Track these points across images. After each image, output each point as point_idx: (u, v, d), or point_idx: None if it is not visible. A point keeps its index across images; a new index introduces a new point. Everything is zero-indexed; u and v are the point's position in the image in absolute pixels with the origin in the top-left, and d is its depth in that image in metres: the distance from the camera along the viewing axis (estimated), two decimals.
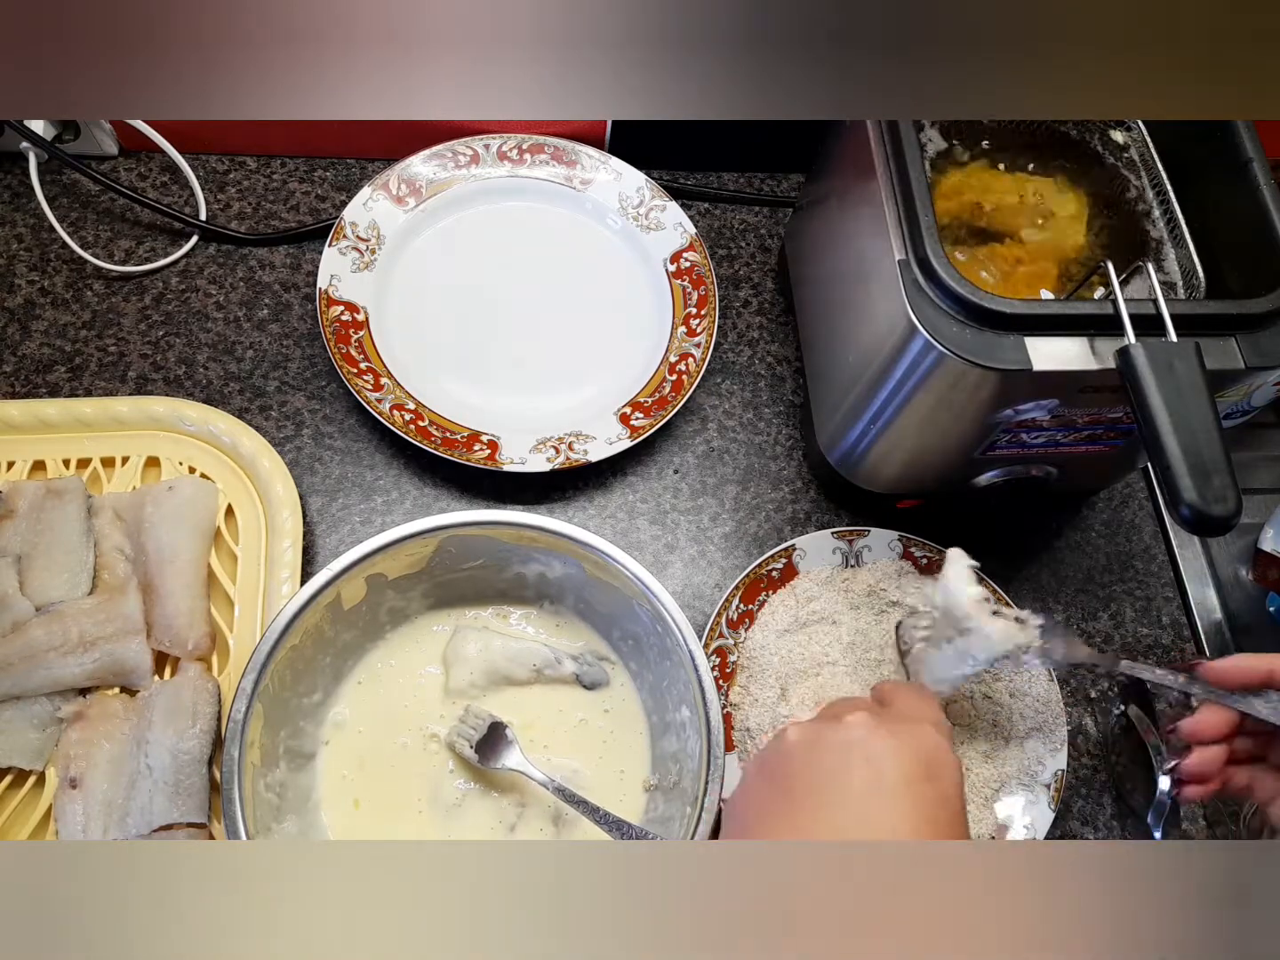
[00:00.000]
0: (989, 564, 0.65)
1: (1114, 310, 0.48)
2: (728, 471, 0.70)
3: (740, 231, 0.80)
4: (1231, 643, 0.69)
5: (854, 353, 0.59)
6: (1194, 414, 0.44)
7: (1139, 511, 0.72)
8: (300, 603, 0.50)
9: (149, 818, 0.50)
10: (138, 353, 0.68)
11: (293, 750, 0.53)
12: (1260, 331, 0.50)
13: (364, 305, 0.68)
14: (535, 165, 0.76)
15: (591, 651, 0.59)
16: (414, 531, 0.52)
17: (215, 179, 0.76)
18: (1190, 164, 0.57)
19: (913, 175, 0.51)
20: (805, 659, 0.60)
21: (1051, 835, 0.58)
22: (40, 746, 0.53)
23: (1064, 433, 0.56)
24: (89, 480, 0.60)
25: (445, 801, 0.54)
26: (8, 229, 0.71)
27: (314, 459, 0.66)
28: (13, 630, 0.53)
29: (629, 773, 0.56)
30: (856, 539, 0.65)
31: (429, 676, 0.58)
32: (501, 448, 0.64)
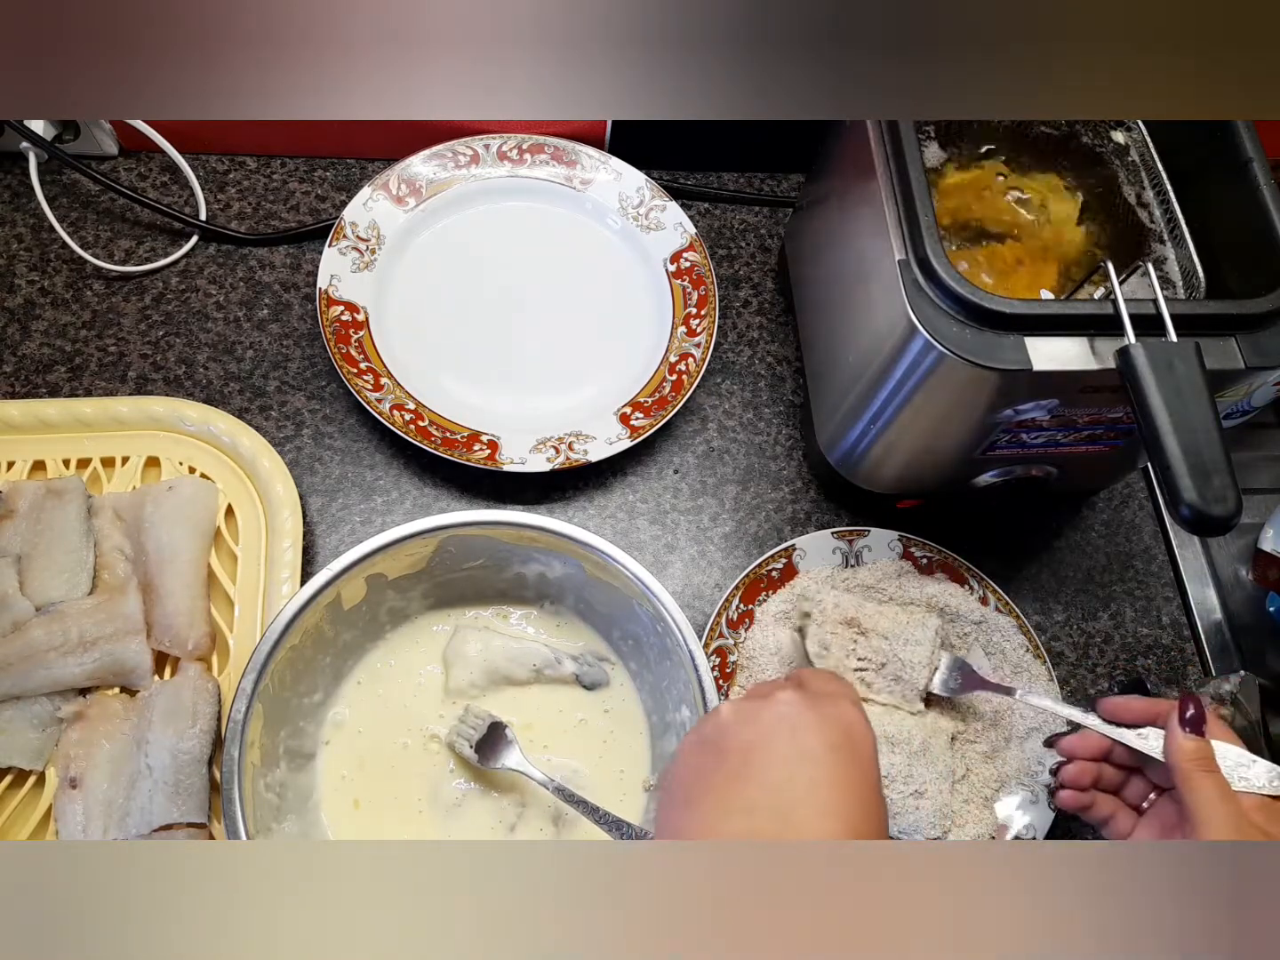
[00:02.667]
0: (989, 564, 0.66)
1: (1114, 310, 0.48)
2: (728, 471, 0.70)
3: (740, 231, 0.80)
4: (1231, 643, 0.69)
5: (854, 353, 0.59)
6: (1194, 414, 0.44)
7: (1139, 511, 0.72)
8: (300, 603, 0.50)
9: (149, 818, 0.50)
10: (138, 353, 0.68)
11: (293, 750, 0.53)
12: (1260, 331, 0.50)
13: (364, 305, 0.68)
14: (535, 165, 0.76)
15: (591, 651, 0.59)
16: (414, 531, 0.52)
17: (215, 179, 0.76)
18: (1190, 164, 0.57)
19: (913, 175, 0.51)
20: (805, 659, 0.60)
21: (1051, 835, 0.58)
22: (40, 746, 0.53)
23: (1064, 433, 0.56)
24: (89, 480, 0.60)
25: (445, 801, 0.54)
26: (8, 229, 0.71)
27: (314, 459, 0.66)
28: (13, 630, 0.53)
29: (629, 773, 0.56)
30: (856, 539, 0.65)
31: (429, 676, 0.58)
32: (501, 448, 0.64)
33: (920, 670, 0.57)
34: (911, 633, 0.58)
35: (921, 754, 0.56)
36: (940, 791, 0.56)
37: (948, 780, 0.57)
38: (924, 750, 0.56)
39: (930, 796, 0.56)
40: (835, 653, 0.59)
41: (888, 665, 0.58)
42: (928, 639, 0.58)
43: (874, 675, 0.58)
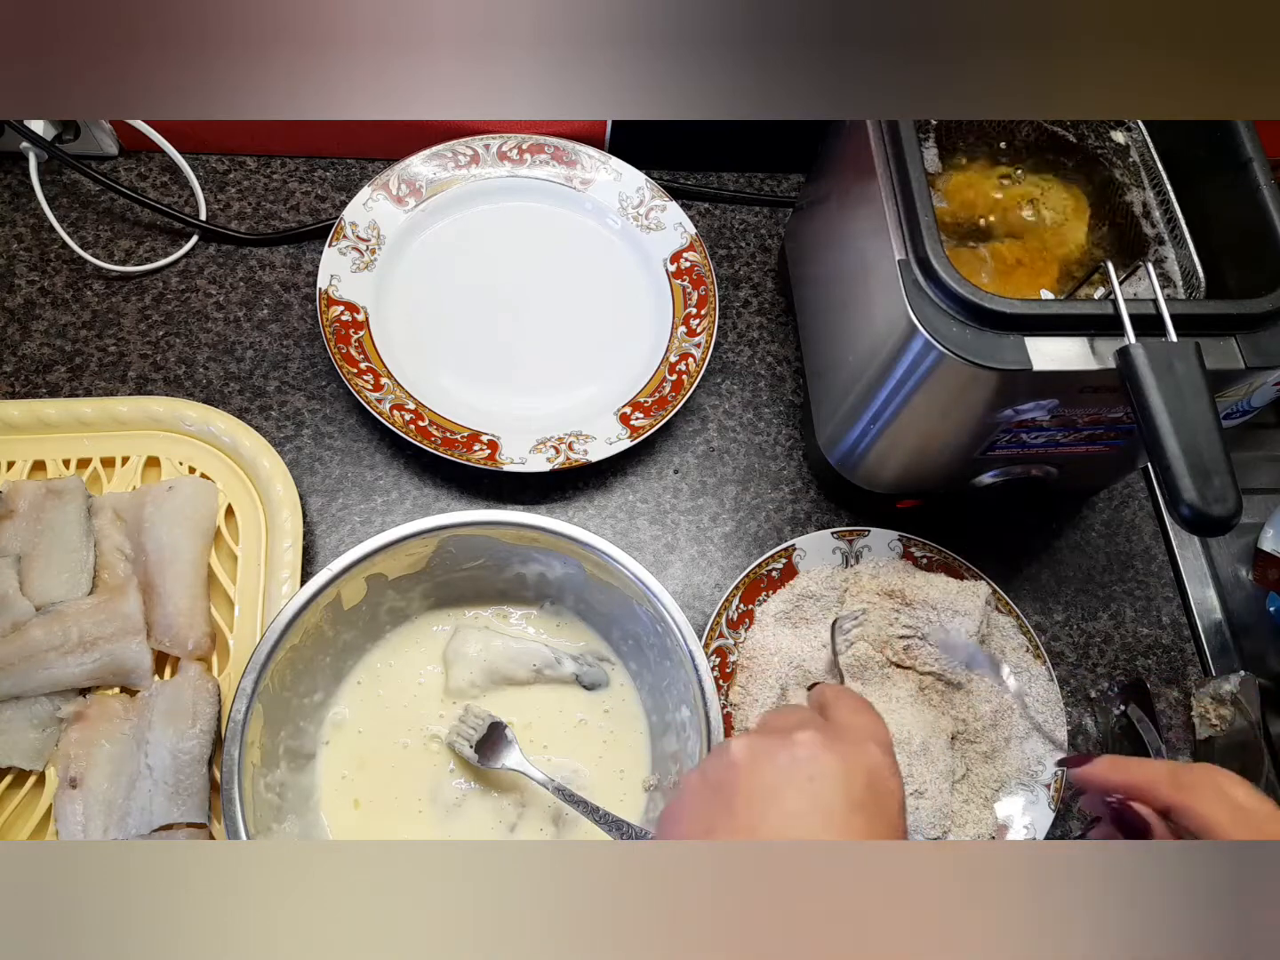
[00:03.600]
0: (989, 564, 0.66)
1: (1114, 310, 0.48)
2: (728, 471, 0.70)
3: (740, 231, 0.80)
4: (1231, 643, 0.69)
5: (854, 353, 0.59)
6: (1194, 414, 0.44)
7: (1139, 511, 0.72)
8: (300, 603, 0.50)
9: (149, 818, 0.50)
10: (138, 353, 0.68)
11: (293, 750, 0.53)
12: (1260, 331, 0.50)
13: (364, 305, 0.68)
14: (535, 165, 0.76)
15: (591, 652, 0.59)
16: (414, 531, 0.52)
17: (215, 179, 0.76)
18: (1190, 164, 0.57)
19: (913, 175, 0.51)
20: (805, 659, 0.60)
21: (1051, 835, 0.58)
22: (40, 746, 0.53)
23: (1064, 433, 0.56)
24: (89, 480, 0.60)
25: (445, 801, 0.54)
26: (8, 229, 0.71)
27: (314, 459, 0.66)
28: (13, 630, 0.53)
29: (629, 773, 0.56)
30: (856, 539, 0.65)
31: (429, 676, 0.58)
32: (501, 448, 0.64)
33: (968, 641, 0.58)
34: (961, 603, 0.59)
35: (921, 754, 0.56)
36: (940, 791, 0.56)
37: (948, 780, 0.57)
38: (924, 750, 0.56)
39: (930, 796, 0.56)
40: (875, 621, 0.59)
41: (933, 635, 0.58)
42: (977, 609, 0.58)
43: (919, 645, 0.58)
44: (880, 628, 0.59)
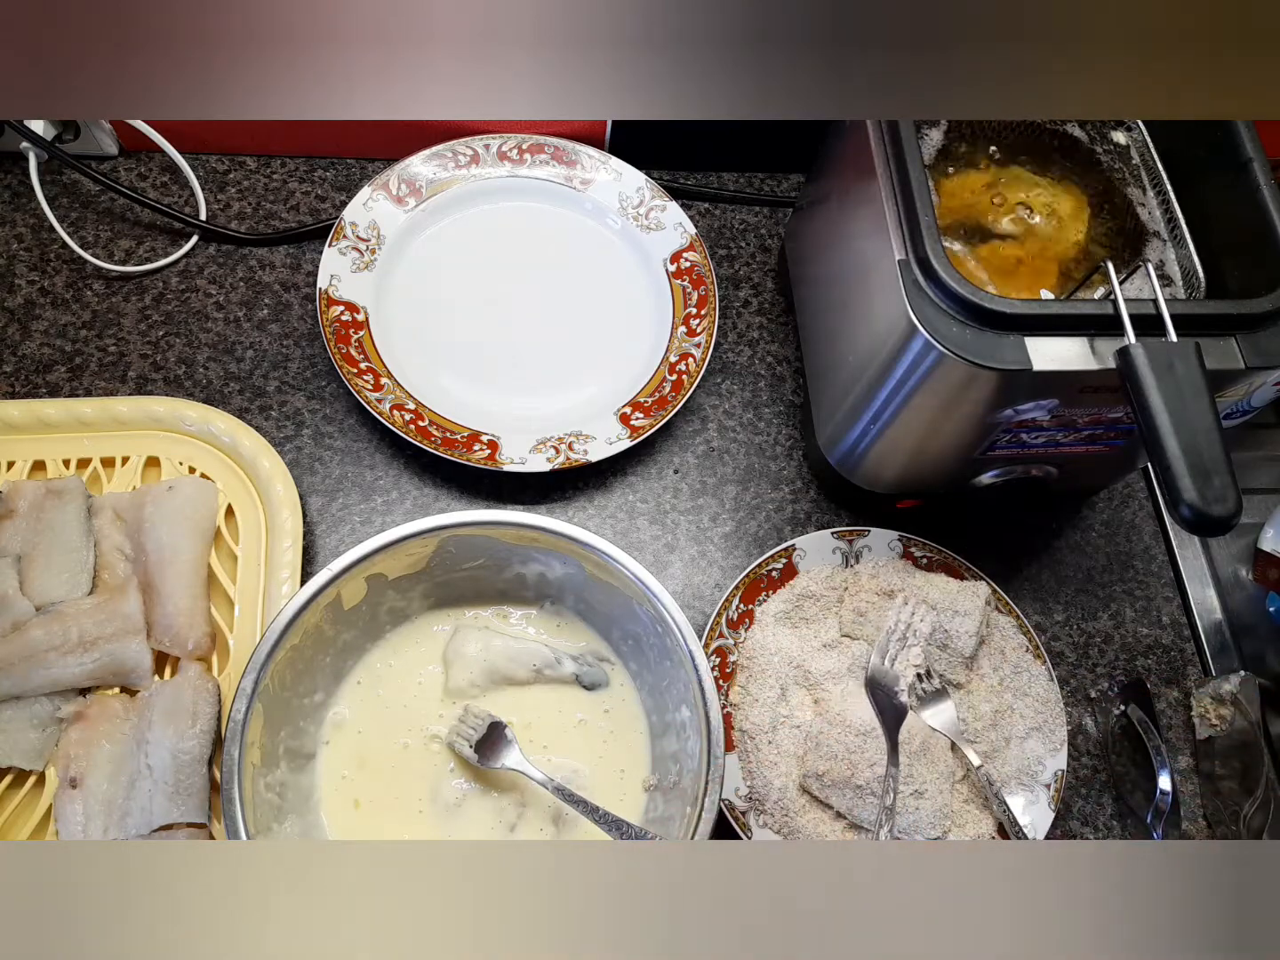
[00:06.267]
0: (989, 564, 0.66)
1: (1114, 310, 0.48)
2: (728, 471, 0.70)
3: (740, 231, 0.80)
4: (1231, 643, 0.69)
5: (854, 353, 0.59)
6: (1194, 414, 0.44)
7: (1139, 511, 0.72)
8: (300, 603, 0.50)
9: (149, 818, 0.50)
10: (138, 353, 0.68)
11: (293, 750, 0.53)
12: (1260, 331, 0.50)
13: (364, 305, 0.68)
14: (535, 165, 0.76)
15: (591, 652, 0.59)
16: (414, 531, 0.52)
17: (215, 179, 0.76)
18: (1190, 164, 0.57)
19: (913, 175, 0.51)
20: (805, 659, 0.60)
21: (1051, 835, 0.58)
22: (40, 746, 0.53)
23: (1064, 433, 0.56)
24: (89, 480, 0.60)
25: (445, 801, 0.54)
26: (8, 229, 0.71)
27: (314, 459, 0.66)
28: (13, 630, 0.53)
29: (629, 773, 0.56)
30: (856, 539, 0.65)
31: (429, 676, 0.58)
32: (501, 448, 0.64)
33: (968, 640, 0.59)
34: (960, 603, 0.59)
35: (921, 754, 0.56)
36: (940, 791, 0.56)
37: (948, 780, 0.57)
38: (924, 750, 0.56)
39: (930, 796, 0.56)
40: (873, 620, 0.60)
41: (933, 634, 0.58)
42: (977, 609, 0.59)
43: (918, 644, 0.59)
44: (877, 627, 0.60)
